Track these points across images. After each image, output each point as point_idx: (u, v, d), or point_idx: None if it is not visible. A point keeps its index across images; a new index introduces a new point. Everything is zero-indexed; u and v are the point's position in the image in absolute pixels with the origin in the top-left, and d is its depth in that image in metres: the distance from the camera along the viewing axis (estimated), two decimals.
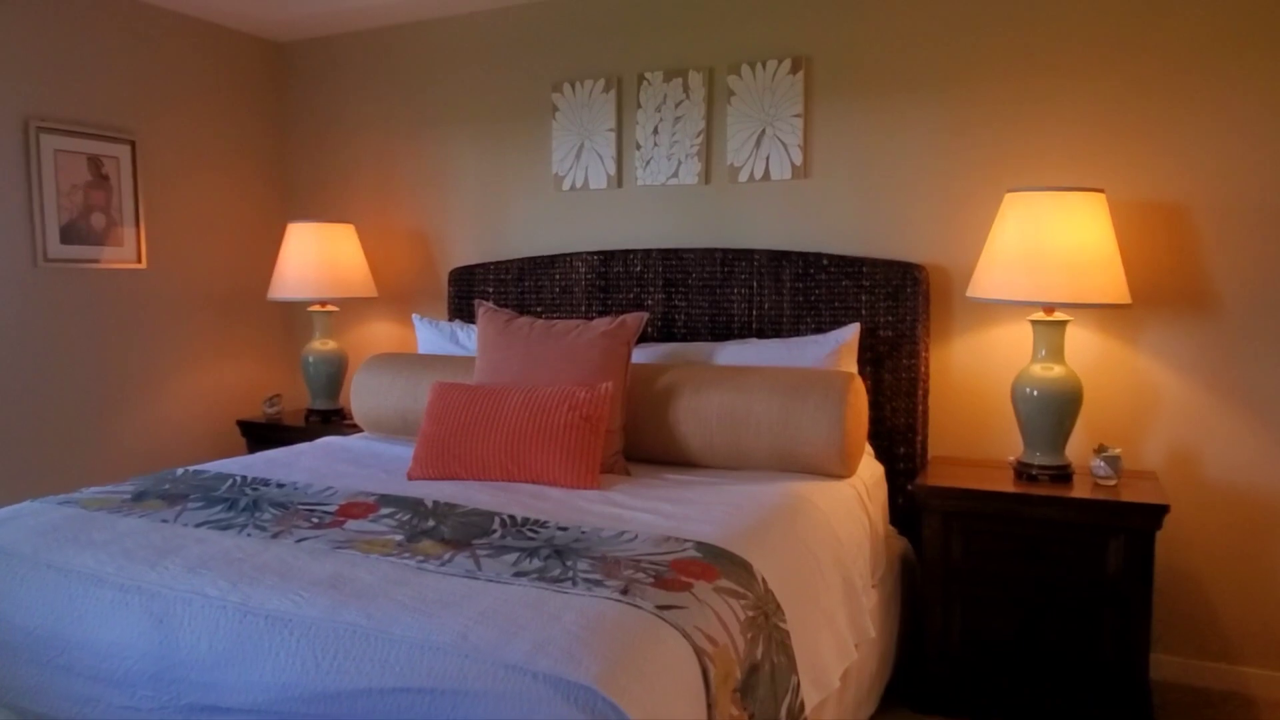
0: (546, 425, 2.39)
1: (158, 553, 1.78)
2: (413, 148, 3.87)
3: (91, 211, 3.41)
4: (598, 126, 3.46)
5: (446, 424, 2.47)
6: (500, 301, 3.57)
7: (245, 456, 2.73)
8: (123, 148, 3.51)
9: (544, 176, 3.60)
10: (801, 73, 3.11)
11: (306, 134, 4.14)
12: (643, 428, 2.68)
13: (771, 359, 2.80)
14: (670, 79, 3.32)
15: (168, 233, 3.69)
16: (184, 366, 3.76)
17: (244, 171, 4.01)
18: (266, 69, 4.10)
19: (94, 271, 3.43)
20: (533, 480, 2.39)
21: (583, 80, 3.47)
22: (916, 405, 2.90)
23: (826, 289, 3.01)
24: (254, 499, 2.16)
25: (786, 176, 3.16)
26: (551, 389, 2.48)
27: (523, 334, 2.68)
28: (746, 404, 2.55)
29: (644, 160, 3.39)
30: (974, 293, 2.59)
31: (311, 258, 3.59)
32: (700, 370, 2.70)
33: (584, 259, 3.42)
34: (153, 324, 3.64)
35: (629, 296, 3.34)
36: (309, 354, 3.69)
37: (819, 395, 2.49)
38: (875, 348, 2.94)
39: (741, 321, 3.15)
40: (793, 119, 3.13)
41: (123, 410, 3.54)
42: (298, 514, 2.04)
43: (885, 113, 3.00)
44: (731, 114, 3.23)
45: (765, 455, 2.55)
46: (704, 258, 3.20)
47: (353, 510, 2.06)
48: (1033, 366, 2.56)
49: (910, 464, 2.92)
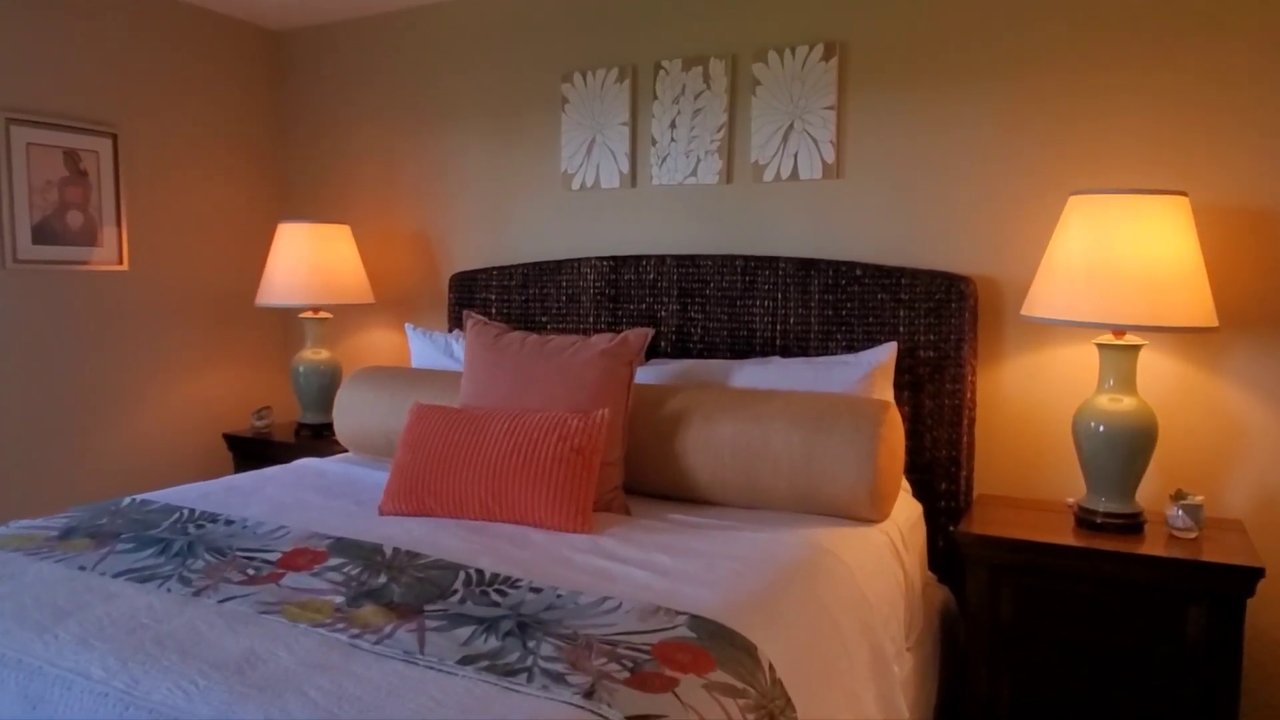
0: (532, 458, 2.09)
1: (54, 614, 1.51)
2: (415, 143, 3.60)
3: (68, 209, 3.19)
4: (610, 120, 3.15)
5: (422, 453, 2.19)
6: (502, 310, 3.29)
7: (206, 483, 2.47)
8: (103, 141, 3.28)
9: (552, 175, 3.31)
10: (835, 60, 2.78)
11: (304, 128, 3.89)
12: (647, 458, 2.37)
13: (795, 382, 2.47)
14: (690, 67, 3.01)
15: (152, 232, 3.45)
16: (168, 376, 3.52)
17: (236, 168, 3.76)
18: (262, 58, 3.85)
19: (70, 273, 3.21)
20: (516, 520, 2.10)
21: (594, 69, 3.17)
22: (961, 436, 2.56)
23: (859, 302, 2.68)
24: (191, 541, 1.89)
25: (816, 176, 2.83)
26: (540, 415, 2.18)
27: (513, 351, 2.38)
28: (763, 435, 2.23)
29: (660, 157, 3.08)
30: (1030, 311, 2.24)
31: (303, 261, 3.33)
32: (712, 394, 2.38)
33: (592, 265, 3.11)
34: (135, 330, 3.41)
35: (640, 307, 3.03)
36: (299, 364, 3.44)
37: (847, 427, 2.16)
38: (914, 370, 2.60)
39: (764, 337, 2.82)
40: (824, 111, 2.80)
41: (101, 424, 3.31)
42: (234, 563, 1.76)
43: (929, 105, 2.66)
44: (756, 106, 2.91)
45: (784, 494, 2.23)
46: (723, 265, 2.88)
47: (297, 559, 1.77)
48: (1099, 397, 2.20)
49: (953, 502, 2.57)
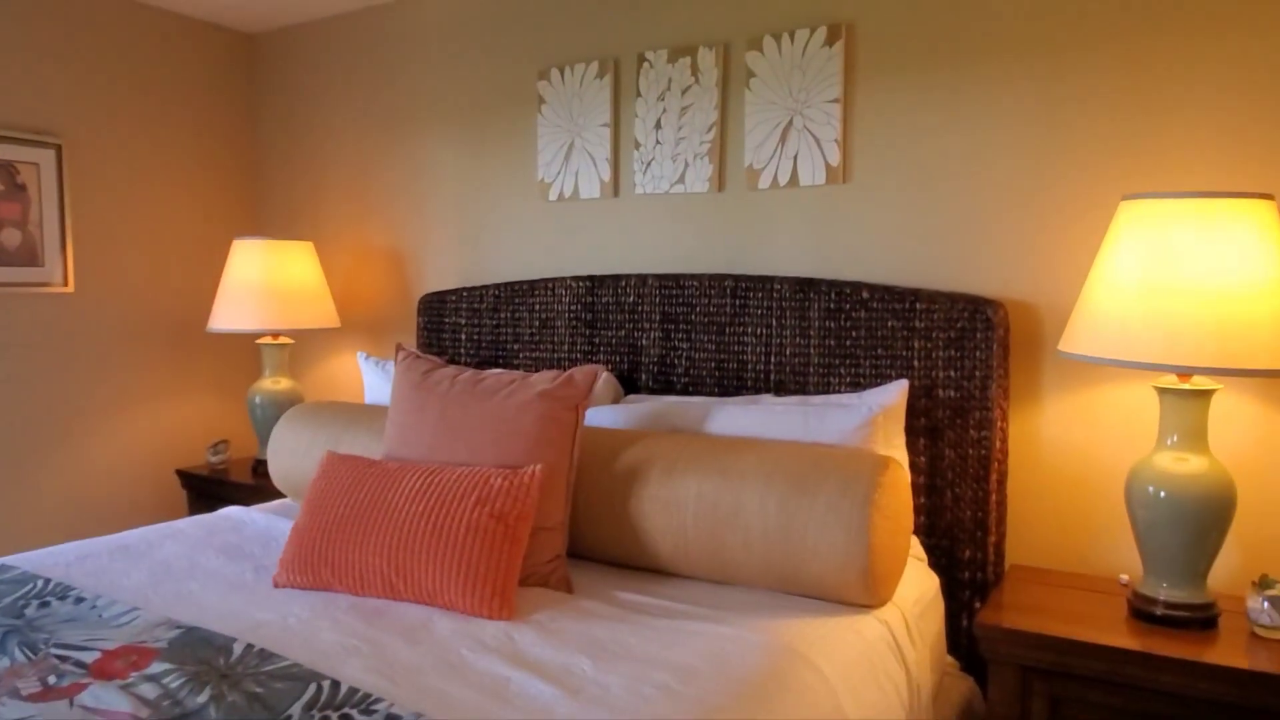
0: (444, 525, 1.71)
1: None
2: (386, 151, 3.27)
3: (3, 227, 2.93)
4: (590, 121, 2.78)
5: (323, 514, 1.83)
6: (472, 337, 2.93)
7: (94, 540, 2.14)
8: (45, 153, 3.02)
9: (528, 184, 2.94)
10: (840, 44, 2.36)
11: (271, 137, 3.60)
12: (601, 518, 1.98)
13: (781, 427, 2.05)
14: (676, 58, 2.62)
15: (101, 250, 3.18)
16: (120, 407, 3.24)
17: (197, 180, 3.48)
18: (228, 63, 3.57)
19: (7, 296, 2.94)
20: (425, 600, 1.72)
21: (573, 65, 2.80)
22: (988, 494, 2.11)
23: (866, 330, 2.25)
24: (14, 629, 1.56)
25: (819, 181, 2.41)
26: (460, 472, 1.80)
27: (440, 391, 2.01)
28: (733, 497, 1.81)
29: (644, 162, 2.69)
30: (1070, 347, 1.79)
31: (258, 281, 3.02)
32: (677, 444, 1.98)
33: (568, 286, 2.74)
34: (82, 357, 3.13)
35: (619, 334, 2.64)
36: (256, 394, 3.12)
37: (833, 490, 1.73)
38: (932, 413, 2.16)
39: (756, 371, 2.41)
40: (828, 105, 2.38)
41: (45, 460, 3.04)
42: (41, 664, 1.42)
43: (952, 94, 2.22)
44: (751, 101, 2.50)
45: (758, 570, 1.81)
46: (710, 286, 2.48)
47: (118, 661, 1.42)
48: (1159, 455, 1.74)
49: (978, 573, 2.12)
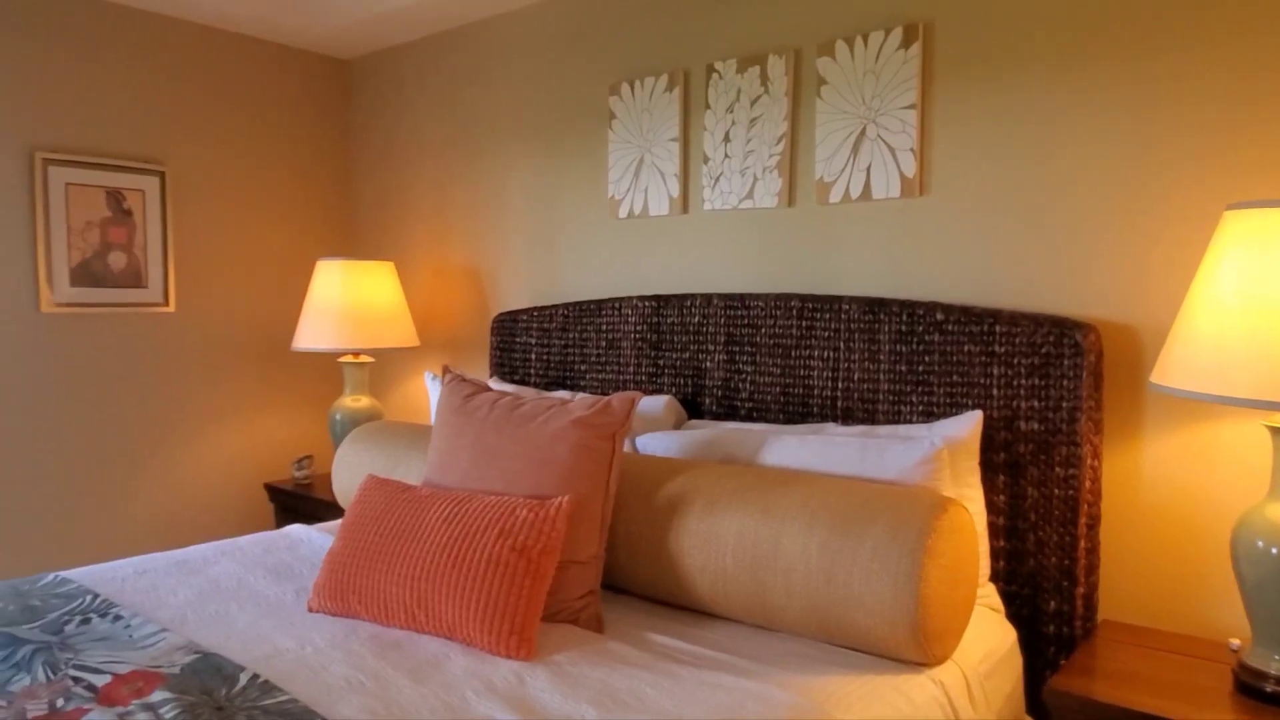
0: (464, 557, 1.65)
1: None
2: (466, 172, 3.29)
3: (110, 250, 3.10)
4: (659, 135, 2.69)
5: (356, 540, 1.80)
6: (541, 357, 2.89)
7: (165, 554, 2.20)
8: (150, 179, 3.18)
9: (599, 201, 2.88)
10: (917, 45, 2.19)
11: (363, 160, 3.68)
12: (639, 552, 1.87)
13: (838, 462, 1.89)
14: (745, 68, 2.50)
15: (200, 271, 3.33)
16: (213, 421, 3.37)
17: (291, 203, 3.60)
18: (328, 89, 3.68)
19: (111, 316, 3.11)
20: (444, 634, 1.66)
21: (643, 78, 2.73)
22: (1077, 539, 1.88)
23: (940, 355, 2.06)
24: (46, 645, 1.59)
25: (894, 194, 2.24)
26: (487, 502, 1.74)
27: (479, 417, 1.96)
28: (774, 537, 1.68)
29: (712, 177, 2.59)
30: (1163, 379, 1.57)
31: (340, 301, 3.08)
32: (722, 477, 1.85)
33: (634, 306, 2.65)
34: (180, 373, 3.28)
35: (683, 356, 2.53)
36: (336, 411, 3.18)
37: (882, 535, 1.57)
38: (1013, 447, 1.95)
39: (822, 397, 2.25)
40: (903, 113, 2.21)
41: (143, 472, 3.19)
42: (56, 686, 1.44)
43: (1038, 97, 2.02)
44: (822, 110, 2.36)
45: (799, 616, 1.66)
46: (775, 306, 2.34)
47: (124, 687, 1.42)
48: (1271, 505, 1.50)
49: (1064, 628, 1.89)
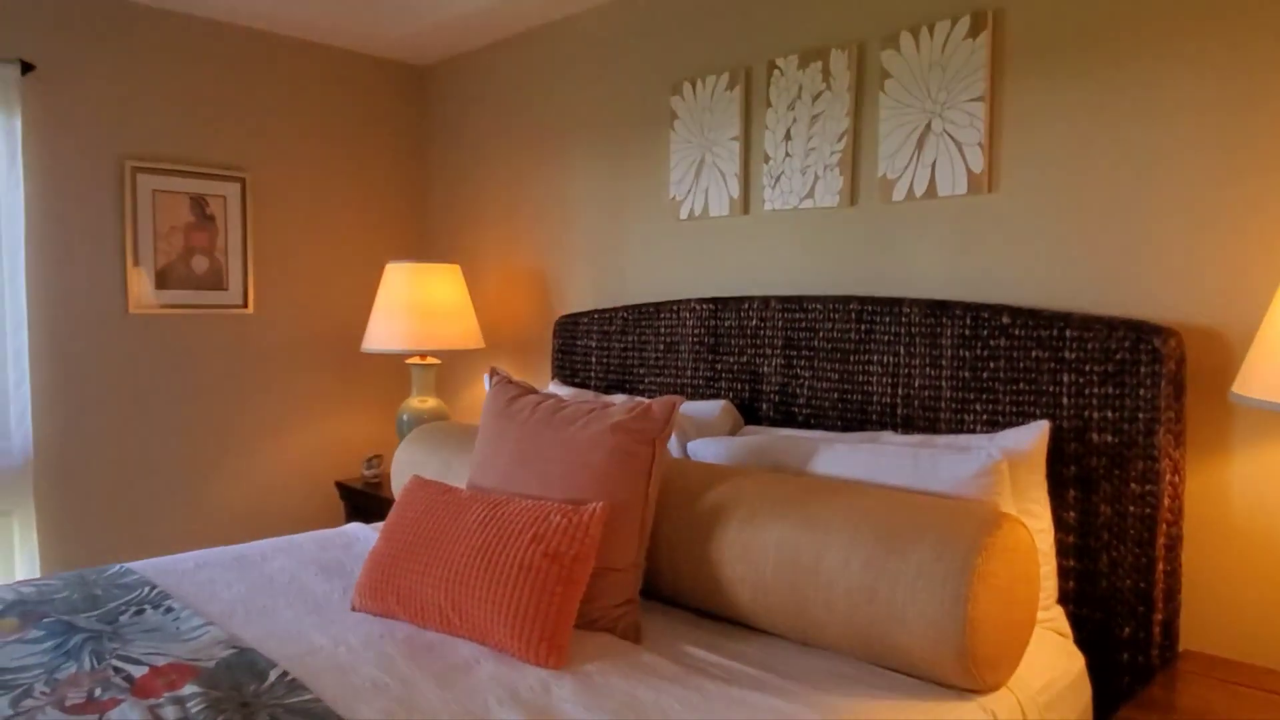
0: (497, 562, 1.63)
1: None
2: (533, 174, 3.30)
3: (193, 254, 3.23)
4: (720, 135, 2.64)
5: (396, 541, 1.81)
6: (601, 360, 2.86)
7: (226, 548, 2.26)
8: (231, 185, 3.30)
9: (660, 202, 2.85)
10: (985, 34, 2.07)
11: (435, 164, 3.74)
12: (680, 560, 1.82)
13: (890, 472, 1.80)
14: (807, 63, 2.42)
15: (278, 274, 3.43)
16: (289, 419, 3.48)
17: (366, 207, 3.67)
18: (402, 95, 3.76)
19: (193, 318, 3.24)
20: (477, 638, 1.65)
21: (704, 77, 2.68)
22: (1154, 561, 1.74)
23: (1006, 361, 1.94)
24: (97, 634, 1.65)
25: (960, 191, 2.13)
26: (522, 506, 1.72)
27: (520, 419, 1.94)
28: (815, 549, 1.60)
29: (773, 176, 2.51)
30: (1246, 389, 1.43)
31: (407, 303, 3.13)
32: (766, 485, 1.79)
33: (692, 308, 2.60)
34: (257, 373, 3.39)
35: (740, 360, 2.47)
36: (404, 412, 3.23)
37: (927, 552, 1.48)
38: (1085, 460, 1.82)
39: (881, 403, 2.16)
40: (970, 105, 2.10)
41: (221, 468, 3.31)
42: (98, 675, 1.48)
43: (1116, 87, 1.88)
44: (885, 105, 2.26)
45: (841, 632, 1.58)
46: (834, 309, 2.26)
47: (158, 680, 1.45)
48: None
49: (1140, 656, 1.75)
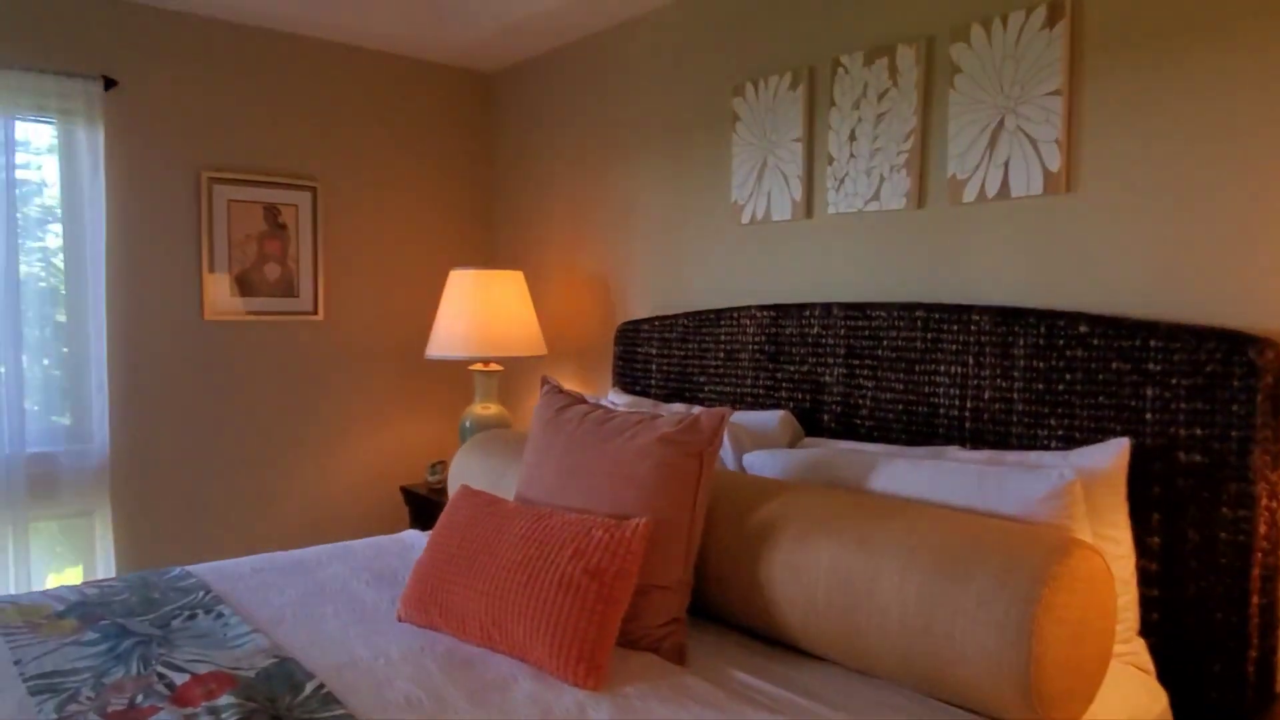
0: (537, 577, 1.59)
1: None
2: (595, 179, 3.27)
3: (266, 262, 3.30)
4: (783, 136, 2.56)
5: (440, 553, 1.79)
6: (662, 368, 2.81)
7: (284, 553, 2.29)
8: (303, 194, 3.37)
9: (722, 207, 2.78)
10: (1063, 24, 1.95)
11: (501, 170, 3.75)
12: (729, 578, 1.75)
13: (953, 491, 1.69)
14: (873, 60, 2.32)
15: (347, 281, 3.49)
16: (356, 423, 3.52)
17: (432, 214, 3.70)
18: (469, 102, 3.78)
19: (265, 324, 3.31)
20: (516, 655, 1.61)
21: (767, 77, 2.60)
22: (1249, 593, 1.59)
23: (1084, 373, 1.81)
24: (148, 639, 1.67)
25: (1035, 191, 2.00)
26: (565, 520, 1.68)
27: (568, 430, 1.90)
28: (869, 573, 1.51)
29: (837, 178, 2.42)
30: None
31: (469, 310, 3.13)
32: (819, 502, 1.70)
33: (752, 315, 2.53)
34: (326, 379, 3.45)
35: (801, 369, 2.38)
36: (467, 418, 3.23)
37: (988, 580, 1.38)
38: (1170, 481, 1.68)
39: (949, 416, 2.04)
40: (1047, 99, 1.97)
41: (291, 470, 3.38)
42: (142, 681, 1.49)
43: (1206, 78, 1.73)
44: (955, 101, 2.15)
45: (895, 662, 1.49)
46: (898, 317, 2.15)
47: (198, 688, 1.45)
48: None
49: (1230, 695, 1.61)
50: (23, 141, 2.87)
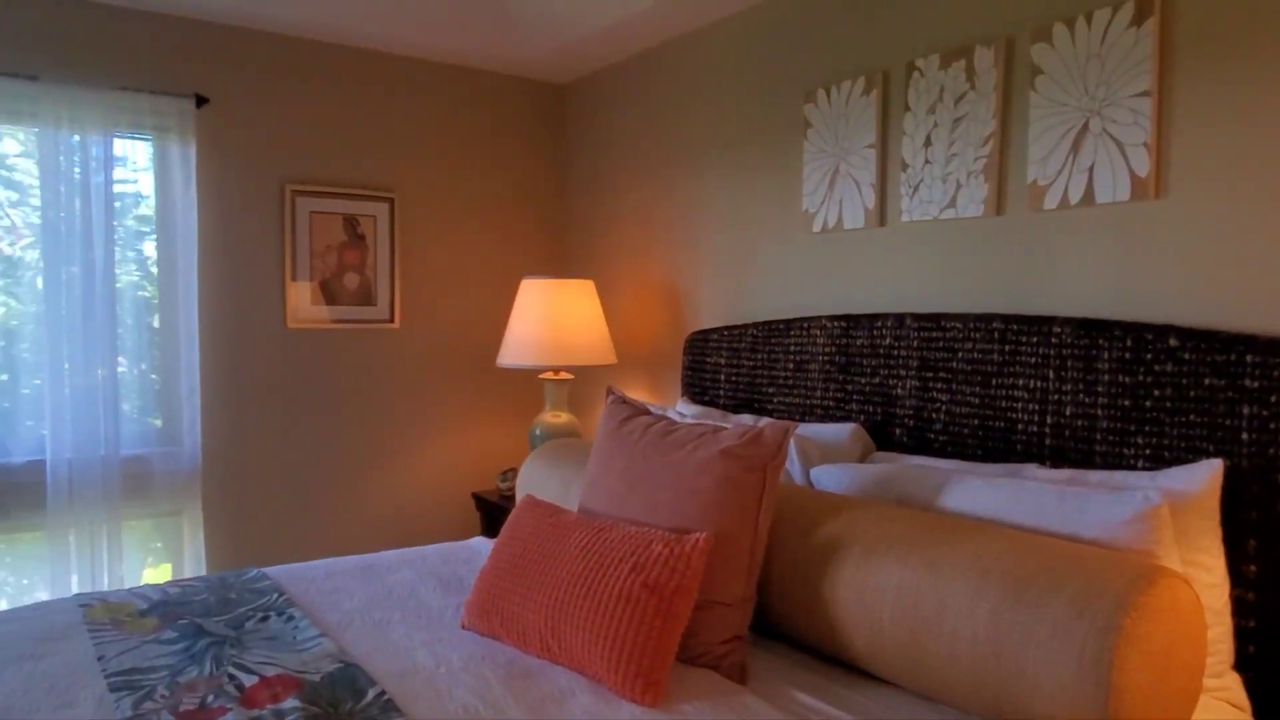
0: (596, 591, 1.58)
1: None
2: (666, 188, 3.26)
3: (345, 271, 3.39)
4: (855, 143, 2.50)
5: (503, 562, 1.80)
6: (730, 379, 2.78)
7: (356, 557, 2.34)
8: (380, 205, 3.45)
9: (793, 215, 2.73)
10: (1152, 21, 1.85)
11: (573, 180, 3.77)
12: (793, 596, 1.71)
13: (1029, 511, 1.62)
14: (949, 63, 2.26)
15: (422, 290, 3.55)
16: (431, 430, 3.59)
17: (505, 224, 3.75)
18: (542, 113, 3.82)
19: (345, 332, 3.40)
20: (575, 668, 1.60)
21: (839, 82, 2.55)
22: None
23: (1174, 389, 1.71)
24: (223, 640, 1.72)
25: (1122, 197, 1.91)
26: (625, 533, 1.67)
27: (630, 441, 1.89)
28: (937, 596, 1.46)
29: (911, 185, 2.36)
30: None
31: (540, 319, 3.16)
32: (887, 520, 1.65)
33: (822, 326, 2.48)
34: (402, 385, 3.52)
35: (872, 381, 2.32)
36: (537, 426, 3.26)
37: (1065, 607, 1.31)
38: (1269, 506, 1.58)
39: (1028, 433, 1.96)
40: (1135, 101, 1.88)
41: (368, 474, 3.46)
42: (213, 682, 1.54)
43: None
44: (1036, 104, 2.07)
45: (963, 689, 1.43)
46: (974, 328, 2.08)
47: (264, 691, 1.49)
48: None
49: None
50: (122, 157, 3.02)
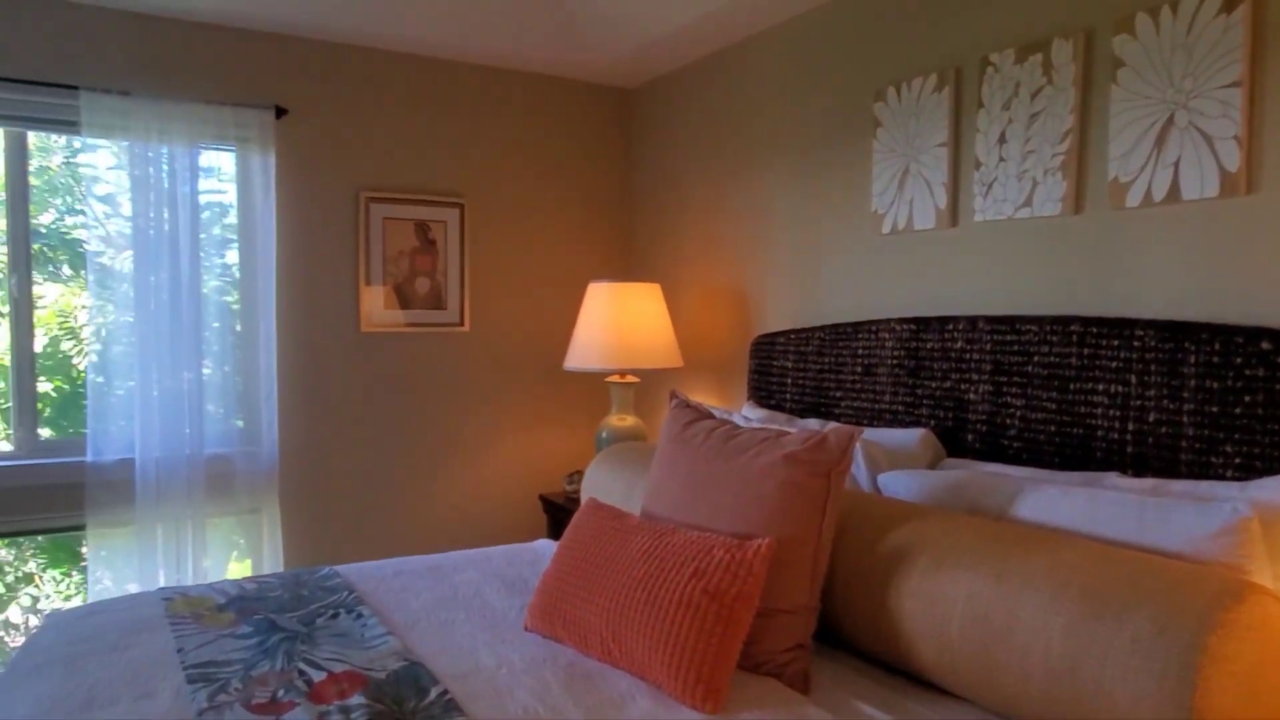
0: (657, 596, 1.58)
1: (79, 705, 1.47)
2: (732, 191, 3.23)
3: (416, 276, 3.46)
4: (926, 141, 2.44)
5: (565, 565, 1.80)
6: (797, 382, 2.74)
7: (422, 557, 2.38)
8: (451, 211, 3.51)
9: (862, 216, 2.68)
10: (1243, 9, 1.76)
11: (641, 185, 3.77)
12: (858, 605, 1.68)
13: (1108, 522, 1.55)
14: (1025, 57, 2.19)
15: (491, 294, 3.60)
16: (500, 431, 3.63)
17: (572, 228, 3.78)
18: (610, 118, 3.83)
19: (416, 336, 3.47)
20: (635, 672, 1.60)
21: (910, 80, 2.49)
22: None
23: (1266, 394, 1.62)
24: (295, 635, 1.77)
25: (1210, 194, 1.82)
26: (687, 538, 1.65)
27: (693, 445, 1.87)
28: (1008, 607, 1.41)
29: (984, 184, 2.29)
30: None
31: (607, 322, 3.17)
32: (955, 529, 1.60)
33: (891, 329, 2.42)
34: (472, 388, 3.57)
35: (943, 385, 2.26)
36: (604, 429, 3.27)
37: (1146, 622, 1.25)
38: None
39: (1108, 440, 1.88)
40: (1224, 92, 1.79)
41: (438, 474, 3.52)
42: (284, 676, 1.58)
43: None
44: (1118, 98, 1.99)
45: (1035, 707, 1.38)
46: (1051, 331, 2.00)
47: (332, 687, 1.52)
48: None
49: None
50: (211, 168, 3.14)
